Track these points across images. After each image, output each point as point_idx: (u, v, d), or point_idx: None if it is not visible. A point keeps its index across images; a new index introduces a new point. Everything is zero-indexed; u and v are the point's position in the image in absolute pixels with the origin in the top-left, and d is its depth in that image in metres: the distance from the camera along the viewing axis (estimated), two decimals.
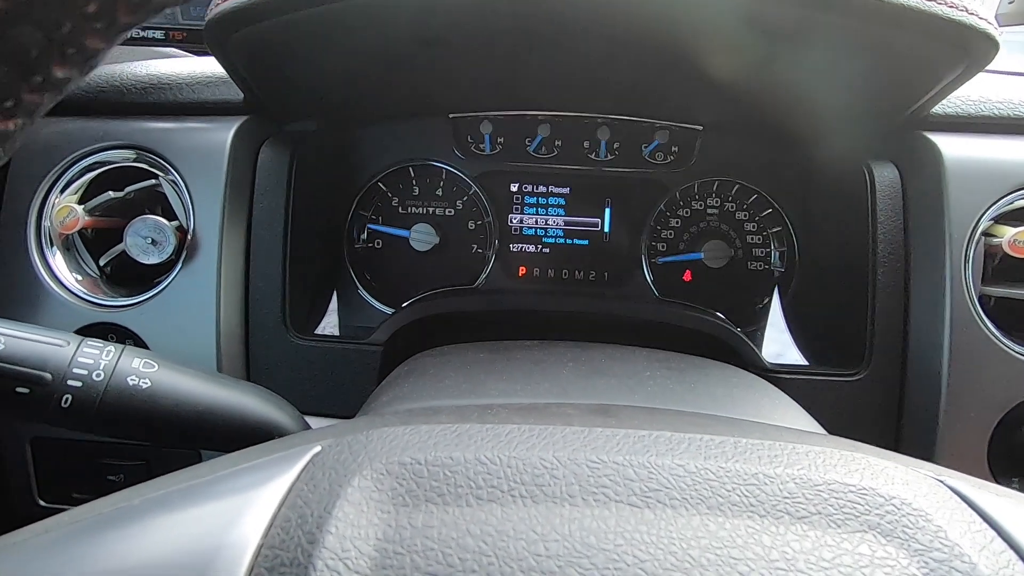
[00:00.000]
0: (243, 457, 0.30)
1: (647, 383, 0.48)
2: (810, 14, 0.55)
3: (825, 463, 0.28)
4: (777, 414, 0.46)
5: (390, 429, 0.30)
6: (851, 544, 0.24)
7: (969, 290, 0.65)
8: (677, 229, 0.88)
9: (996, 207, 0.66)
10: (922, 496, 0.26)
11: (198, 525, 0.25)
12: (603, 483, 0.26)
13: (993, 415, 0.64)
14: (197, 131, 0.70)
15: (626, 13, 0.60)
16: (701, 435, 0.30)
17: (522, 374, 0.49)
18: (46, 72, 0.17)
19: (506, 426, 0.30)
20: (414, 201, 0.89)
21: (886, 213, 0.70)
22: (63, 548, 0.25)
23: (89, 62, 0.18)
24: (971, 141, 0.68)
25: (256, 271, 0.71)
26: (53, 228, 0.69)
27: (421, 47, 0.68)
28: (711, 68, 0.68)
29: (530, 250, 0.89)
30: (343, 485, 0.26)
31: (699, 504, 0.25)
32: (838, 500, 0.26)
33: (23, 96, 0.17)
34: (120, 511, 0.27)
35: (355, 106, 0.84)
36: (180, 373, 0.43)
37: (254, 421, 0.45)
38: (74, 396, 0.39)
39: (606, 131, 0.86)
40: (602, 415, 0.34)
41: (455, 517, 0.24)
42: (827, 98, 0.72)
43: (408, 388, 0.48)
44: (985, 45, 0.55)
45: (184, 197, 0.69)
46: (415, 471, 0.26)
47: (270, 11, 0.56)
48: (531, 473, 0.26)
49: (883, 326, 0.69)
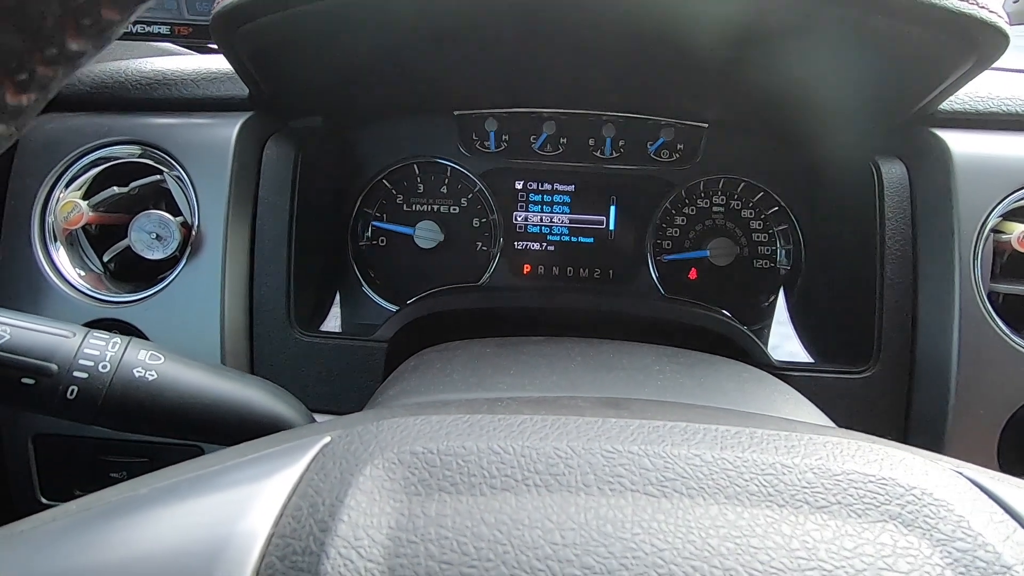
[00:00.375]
0: (251, 448, 0.30)
1: (656, 378, 0.47)
2: (817, 8, 0.55)
3: (843, 453, 0.28)
4: (788, 409, 0.46)
5: (400, 419, 0.29)
6: (872, 534, 0.24)
7: (978, 287, 0.64)
8: (683, 227, 0.88)
9: (1005, 203, 0.65)
10: (942, 486, 0.26)
11: (208, 514, 0.25)
12: (618, 472, 0.26)
13: (1003, 412, 0.63)
14: (202, 127, 0.70)
15: (632, 10, 0.59)
16: (717, 426, 0.29)
17: (530, 368, 0.48)
18: (60, 44, 0.17)
19: (518, 416, 0.29)
20: (419, 198, 0.88)
21: (894, 210, 0.70)
22: (71, 537, 0.25)
23: (104, 35, 0.18)
24: (979, 137, 0.68)
25: (261, 267, 0.71)
26: (57, 224, 0.69)
27: (427, 43, 0.68)
28: (717, 64, 0.68)
29: (535, 248, 0.89)
30: (355, 474, 0.25)
31: (717, 493, 0.25)
32: (858, 490, 0.25)
33: (37, 69, 0.17)
34: (128, 500, 0.26)
35: (360, 102, 0.84)
36: (186, 366, 0.43)
37: (260, 415, 0.44)
38: (80, 387, 0.38)
39: (611, 128, 0.86)
40: (614, 407, 0.34)
41: (469, 506, 0.24)
42: (834, 94, 0.72)
43: (415, 382, 0.48)
44: (995, 39, 0.54)
45: (189, 193, 0.68)
46: (427, 460, 0.26)
47: (276, 6, 0.56)
48: (545, 462, 0.26)
49: (891, 323, 0.68)
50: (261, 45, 0.62)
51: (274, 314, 0.71)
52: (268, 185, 0.72)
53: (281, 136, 0.74)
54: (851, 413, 0.67)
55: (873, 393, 0.68)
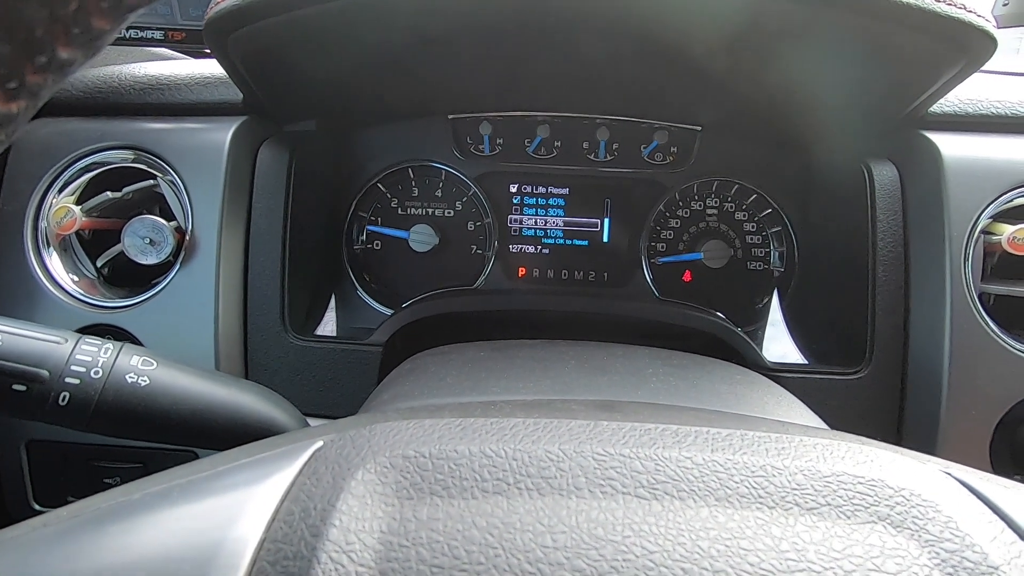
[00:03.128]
0: (243, 452, 0.30)
1: (650, 380, 0.47)
2: (810, 12, 0.55)
3: (833, 455, 0.28)
4: (781, 410, 0.46)
5: (393, 424, 0.29)
6: (861, 535, 0.24)
7: (969, 288, 0.65)
8: (677, 229, 0.88)
9: (995, 205, 0.66)
10: (931, 487, 0.26)
11: (199, 520, 0.25)
12: (610, 475, 0.26)
13: (994, 413, 0.64)
14: (196, 131, 0.70)
15: (625, 13, 0.60)
16: (708, 428, 0.29)
17: (524, 372, 0.48)
18: (51, 52, 0.17)
19: (510, 420, 0.30)
20: (413, 202, 0.88)
21: (885, 212, 0.70)
22: (62, 543, 0.24)
23: (94, 43, 0.18)
24: (969, 140, 0.68)
25: (255, 271, 0.71)
26: (50, 229, 0.69)
27: (420, 46, 0.68)
28: (710, 68, 0.69)
29: (530, 251, 0.89)
30: (346, 479, 0.25)
31: (707, 496, 0.25)
32: (847, 491, 0.26)
33: (27, 77, 0.17)
34: (120, 505, 0.26)
35: (354, 106, 0.84)
36: (179, 371, 0.43)
37: (254, 420, 0.44)
38: (72, 394, 0.38)
39: (605, 132, 0.86)
40: (606, 410, 0.34)
41: (460, 510, 0.24)
42: (826, 97, 0.72)
43: (409, 386, 0.48)
44: (983, 43, 0.55)
45: (182, 197, 0.68)
46: (419, 464, 0.26)
47: (269, 10, 0.56)
48: (537, 466, 0.26)
49: (883, 325, 0.69)
50: (255, 50, 0.62)
51: (268, 318, 0.70)
52: (262, 190, 0.72)
53: (275, 140, 0.74)
54: (844, 414, 0.68)
55: (866, 394, 0.68)
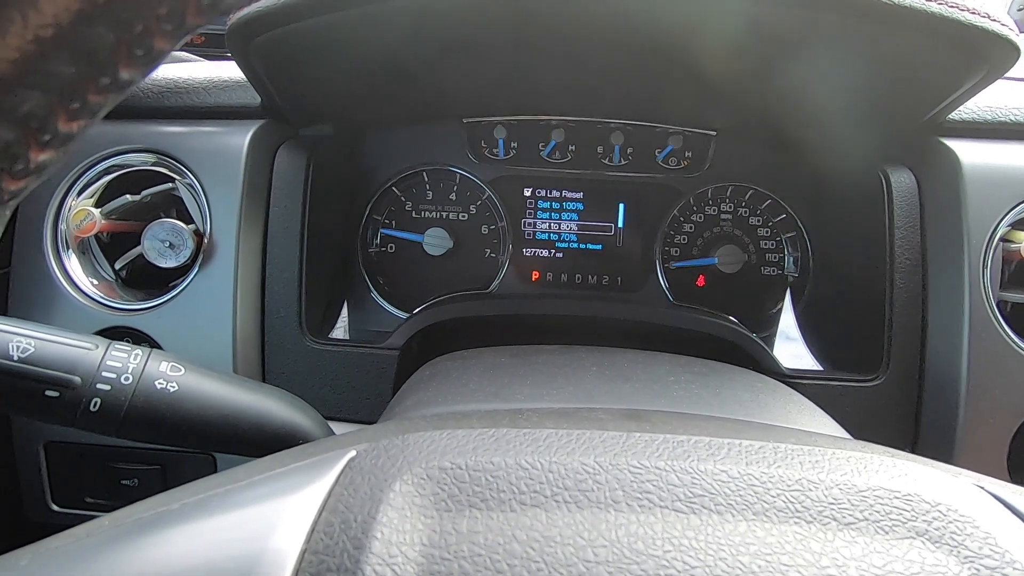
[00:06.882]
0: (277, 461, 0.30)
1: (672, 388, 0.47)
2: (827, 18, 0.55)
3: (867, 468, 0.28)
4: (804, 420, 0.46)
5: (425, 433, 0.29)
6: (900, 551, 0.24)
7: (987, 295, 0.64)
8: (691, 234, 0.88)
9: (1014, 213, 0.66)
10: (966, 502, 0.26)
11: (239, 530, 0.25)
12: (647, 488, 0.26)
13: (1012, 421, 0.64)
14: (214, 135, 0.70)
15: (639, 20, 0.60)
16: (740, 440, 0.29)
17: (546, 378, 0.48)
18: (113, 74, 0.17)
19: (543, 431, 0.30)
20: (428, 206, 0.89)
21: (903, 219, 0.70)
22: (105, 553, 0.25)
23: (152, 63, 0.18)
24: (988, 147, 0.68)
25: (272, 274, 0.71)
26: (69, 232, 0.69)
27: (436, 53, 0.68)
28: (724, 74, 0.69)
29: (544, 255, 0.89)
30: (384, 490, 0.26)
31: (744, 510, 0.25)
32: (884, 506, 0.26)
33: (89, 98, 0.17)
34: (160, 515, 0.26)
35: (370, 111, 0.84)
36: (205, 376, 0.43)
37: (278, 425, 0.45)
38: (103, 400, 0.38)
39: (620, 136, 0.86)
40: (635, 420, 0.34)
41: (500, 523, 0.24)
42: (843, 104, 0.72)
43: (432, 392, 0.48)
44: (1005, 51, 0.54)
45: (201, 201, 0.69)
46: (456, 476, 0.26)
47: (292, 16, 0.56)
48: (573, 478, 0.26)
49: (900, 331, 0.69)
50: (275, 56, 0.62)
51: (286, 321, 0.71)
52: (280, 193, 0.72)
53: (292, 144, 0.74)
54: (860, 422, 0.68)
55: (882, 401, 0.68)
